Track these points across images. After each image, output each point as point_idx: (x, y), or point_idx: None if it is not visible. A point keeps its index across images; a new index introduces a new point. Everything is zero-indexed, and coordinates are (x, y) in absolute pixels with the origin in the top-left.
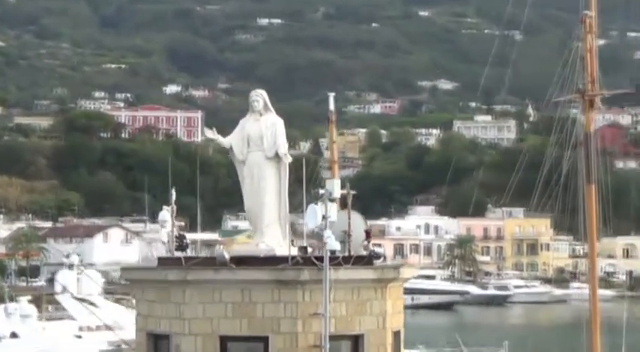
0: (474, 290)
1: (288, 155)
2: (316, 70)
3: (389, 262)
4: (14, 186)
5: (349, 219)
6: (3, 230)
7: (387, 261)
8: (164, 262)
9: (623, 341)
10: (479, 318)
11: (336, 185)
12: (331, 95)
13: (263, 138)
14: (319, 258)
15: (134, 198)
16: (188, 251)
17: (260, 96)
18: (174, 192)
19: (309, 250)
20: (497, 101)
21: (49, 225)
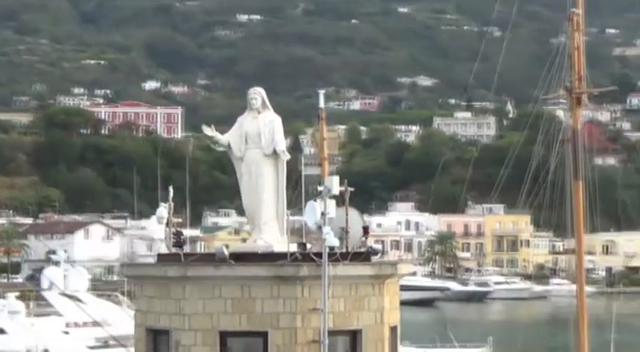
0: (454, 286)
1: (286, 152)
2: (296, 67)
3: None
4: None
5: (347, 215)
6: None
7: (384, 257)
8: (163, 258)
9: (611, 337)
10: (460, 314)
11: (335, 182)
12: (321, 92)
13: (261, 135)
14: (318, 254)
15: (114, 195)
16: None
17: (258, 94)
18: (171, 189)
19: (308, 246)
20: (476, 97)
21: (29, 221)
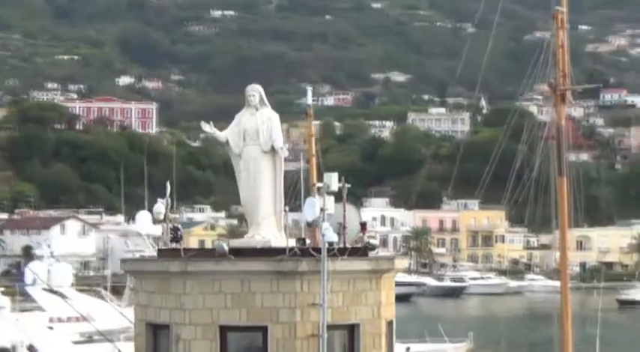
0: (430, 281)
1: (284, 149)
2: (269, 62)
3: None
4: None
5: (344, 211)
6: None
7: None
8: (163, 254)
9: (597, 332)
10: (436, 310)
11: (334, 178)
12: (309, 89)
13: (259, 132)
14: (317, 250)
15: (88, 190)
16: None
17: (256, 91)
18: (169, 185)
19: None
20: (450, 93)
21: (4, 216)
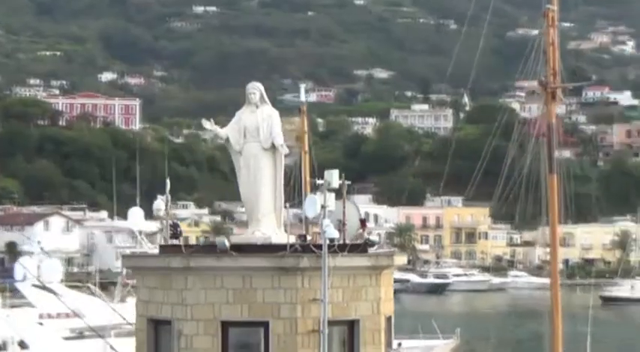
0: (414, 278)
1: (284, 146)
2: (252, 58)
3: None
4: None
5: (344, 208)
6: None
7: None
8: (165, 250)
9: (588, 330)
10: (420, 306)
11: (335, 175)
12: (302, 86)
13: (259, 129)
14: (317, 246)
15: (71, 186)
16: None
17: (257, 89)
18: (168, 182)
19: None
20: (432, 89)
21: None
